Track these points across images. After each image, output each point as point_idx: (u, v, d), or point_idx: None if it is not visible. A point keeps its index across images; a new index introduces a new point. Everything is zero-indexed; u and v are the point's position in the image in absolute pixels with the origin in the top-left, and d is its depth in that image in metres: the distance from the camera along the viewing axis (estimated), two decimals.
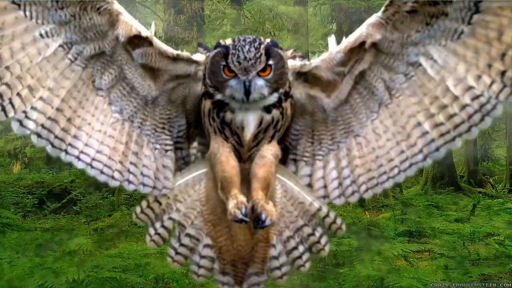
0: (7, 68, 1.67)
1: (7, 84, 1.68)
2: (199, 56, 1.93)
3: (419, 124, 1.80)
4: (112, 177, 1.86)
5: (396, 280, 5.36)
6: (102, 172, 1.85)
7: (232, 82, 1.78)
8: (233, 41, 1.78)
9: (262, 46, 1.75)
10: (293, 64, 1.91)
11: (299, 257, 1.99)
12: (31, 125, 1.73)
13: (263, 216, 1.72)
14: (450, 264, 6.34)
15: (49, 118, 1.76)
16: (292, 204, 1.98)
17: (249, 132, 1.85)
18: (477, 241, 7.50)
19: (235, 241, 1.96)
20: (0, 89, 1.67)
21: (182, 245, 1.96)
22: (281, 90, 1.83)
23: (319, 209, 1.97)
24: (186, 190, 1.98)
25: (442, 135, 1.78)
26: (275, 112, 1.85)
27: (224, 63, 1.76)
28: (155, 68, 1.89)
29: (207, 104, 1.87)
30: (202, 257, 1.96)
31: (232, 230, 1.95)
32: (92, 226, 8.15)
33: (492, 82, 1.67)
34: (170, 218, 1.96)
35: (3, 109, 1.69)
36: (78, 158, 1.82)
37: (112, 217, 8.42)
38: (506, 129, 16.62)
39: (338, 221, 1.99)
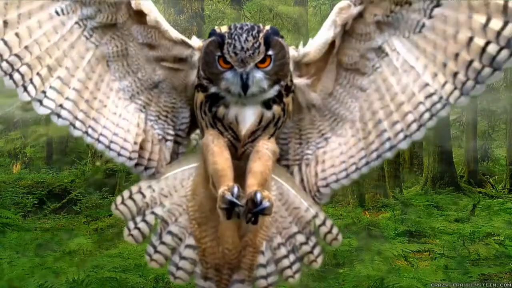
0: (26, 48, 1.66)
1: (27, 65, 1.67)
2: (195, 41, 1.84)
3: (379, 121, 1.78)
4: (129, 158, 1.84)
5: (396, 280, 5.35)
6: (119, 154, 1.83)
7: (228, 75, 1.66)
8: (229, 29, 1.66)
9: (261, 35, 1.63)
10: (293, 54, 1.80)
11: (289, 267, 1.84)
12: (51, 104, 1.72)
13: (258, 196, 1.54)
14: (450, 264, 6.34)
15: (67, 98, 1.74)
16: (286, 208, 1.85)
17: (244, 127, 1.74)
18: (477, 241, 7.50)
19: (221, 244, 1.82)
20: (21, 69, 1.66)
21: (163, 243, 1.84)
22: (282, 83, 1.72)
23: (315, 216, 1.84)
24: (173, 184, 1.87)
25: (396, 134, 1.77)
26: (276, 109, 1.74)
27: (219, 53, 1.65)
28: (156, 46, 1.83)
29: (199, 96, 1.76)
30: (183, 258, 1.83)
31: (219, 231, 1.82)
32: (92, 226, 8.15)
33: (445, 82, 1.67)
34: (153, 213, 1.85)
35: (25, 89, 1.68)
36: (98, 140, 1.80)
37: (112, 217, 8.41)
38: (506, 129, 16.63)
39: (334, 230, 1.84)
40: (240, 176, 1.73)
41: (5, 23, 1.63)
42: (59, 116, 1.74)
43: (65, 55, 1.75)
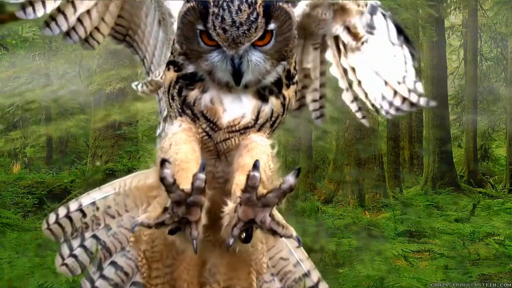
0: None
1: None
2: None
3: None
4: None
5: (396, 280, 5.35)
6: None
7: (214, 56, 1.28)
8: None
9: (259, 1, 1.22)
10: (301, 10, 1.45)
11: None
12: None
13: (257, 175, 1.11)
14: (450, 264, 6.34)
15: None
16: (271, 257, 1.46)
17: (227, 116, 1.33)
18: (477, 241, 7.50)
19: None
20: None
21: (103, 277, 1.45)
22: (285, 63, 1.33)
23: (306, 275, 1.48)
24: (124, 202, 1.48)
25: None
26: (275, 103, 1.34)
27: (201, 27, 1.25)
28: None
29: (169, 76, 1.36)
30: None
31: (174, 272, 1.40)
32: None
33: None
34: (94, 236, 1.47)
35: None
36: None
37: None
38: (506, 129, 16.62)
39: None
40: (219, 188, 1.35)
41: None
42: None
43: None
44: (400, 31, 1.58)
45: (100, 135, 10.58)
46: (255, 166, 1.12)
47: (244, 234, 1.14)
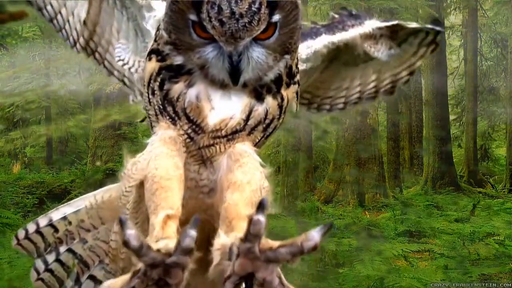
0: None
1: None
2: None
3: None
4: None
5: (396, 280, 5.35)
6: None
7: (209, 52, 1.13)
8: None
9: None
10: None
11: None
12: None
13: (261, 219, 0.89)
14: (450, 264, 6.34)
15: None
16: None
17: (215, 116, 1.17)
18: (477, 241, 7.50)
19: None
20: None
21: None
22: (288, 57, 1.18)
23: None
24: (98, 214, 1.37)
25: None
26: (272, 104, 1.19)
27: (194, 17, 1.09)
28: None
29: (150, 66, 1.21)
30: None
31: None
32: None
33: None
34: (69, 250, 1.39)
35: None
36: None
37: None
38: (506, 129, 16.61)
39: None
40: (202, 198, 1.19)
41: None
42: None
43: None
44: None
45: (100, 135, 10.58)
46: (260, 207, 0.90)
47: None
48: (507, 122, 16.34)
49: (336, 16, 1.51)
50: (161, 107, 1.18)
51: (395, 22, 1.48)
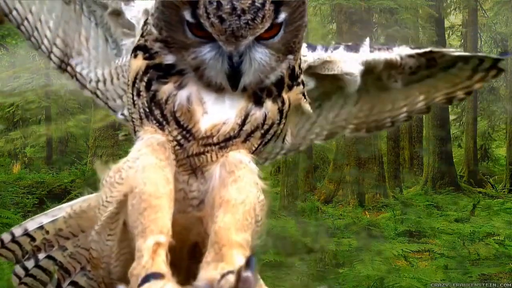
0: None
1: None
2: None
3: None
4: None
5: (396, 280, 5.36)
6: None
7: (206, 53, 1.02)
8: None
9: None
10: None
11: None
12: None
13: (250, 272, 0.85)
14: (450, 264, 6.34)
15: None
16: None
17: (207, 121, 1.06)
18: (477, 241, 7.50)
19: None
20: None
21: None
22: (290, 57, 1.09)
23: None
24: (77, 223, 1.29)
25: None
26: (271, 108, 1.09)
27: (189, 16, 0.99)
28: None
29: (135, 63, 1.11)
30: None
31: None
32: None
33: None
34: (49, 257, 1.33)
35: None
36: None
37: None
38: (506, 129, 16.62)
39: None
40: (191, 211, 1.10)
41: None
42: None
43: None
44: None
45: (100, 135, 10.59)
46: (249, 264, 0.85)
47: None
48: (507, 122, 16.35)
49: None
50: (147, 109, 1.08)
51: (427, 50, 1.32)
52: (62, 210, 1.34)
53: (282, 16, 0.99)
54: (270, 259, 5.61)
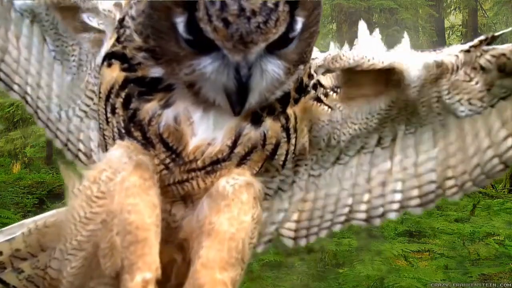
0: None
1: None
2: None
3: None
4: None
5: (396, 280, 5.36)
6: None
7: (206, 65, 0.83)
8: None
9: None
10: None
11: None
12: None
13: None
14: (450, 264, 6.34)
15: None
16: None
17: (195, 139, 0.91)
18: (477, 241, 7.50)
19: None
20: None
21: None
22: (301, 67, 0.92)
23: None
24: (39, 241, 1.14)
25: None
26: (271, 125, 0.92)
27: (182, 19, 0.80)
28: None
29: (109, 74, 0.92)
30: None
31: None
32: None
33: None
34: (17, 270, 1.19)
35: None
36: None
37: None
38: None
39: None
40: (173, 243, 0.97)
41: None
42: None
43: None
44: None
45: None
46: None
47: None
48: None
49: None
50: (124, 130, 0.91)
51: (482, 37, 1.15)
52: (21, 227, 1.21)
53: (299, 21, 0.83)
54: (270, 259, 5.61)
